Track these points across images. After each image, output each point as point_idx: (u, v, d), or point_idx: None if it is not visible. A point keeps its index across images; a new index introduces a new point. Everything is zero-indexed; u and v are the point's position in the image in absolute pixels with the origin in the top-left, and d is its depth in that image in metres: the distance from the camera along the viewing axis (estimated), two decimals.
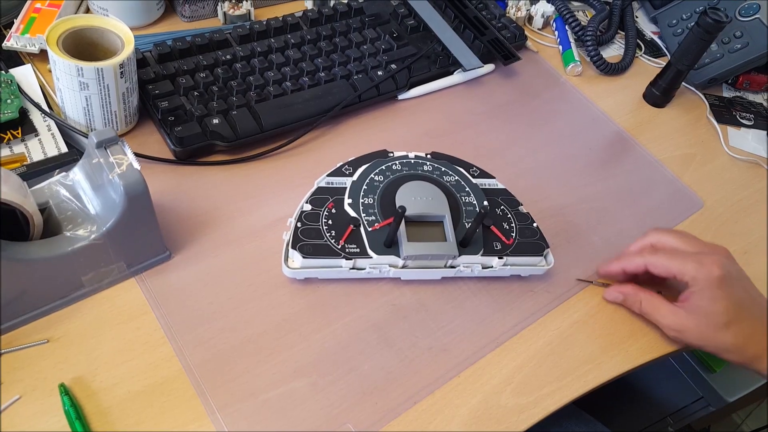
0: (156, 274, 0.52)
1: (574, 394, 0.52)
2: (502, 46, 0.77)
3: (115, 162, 0.45)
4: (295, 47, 0.69)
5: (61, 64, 0.53)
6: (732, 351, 0.53)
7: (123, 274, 0.50)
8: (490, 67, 0.78)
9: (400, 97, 0.71)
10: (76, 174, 0.48)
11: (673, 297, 0.55)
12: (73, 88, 0.54)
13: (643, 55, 0.88)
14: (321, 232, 0.52)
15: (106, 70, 0.53)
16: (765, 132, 0.81)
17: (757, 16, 0.80)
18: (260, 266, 0.54)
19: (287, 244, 0.52)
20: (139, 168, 0.45)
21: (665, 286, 0.58)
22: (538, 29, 0.87)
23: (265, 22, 0.70)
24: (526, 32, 0.83)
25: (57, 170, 0.49)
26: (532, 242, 0.56)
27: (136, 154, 0.56)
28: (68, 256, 0.45)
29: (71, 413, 0.43)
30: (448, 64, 0.74)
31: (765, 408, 1.19)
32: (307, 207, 0.53)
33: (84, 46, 0.55)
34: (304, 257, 0.50)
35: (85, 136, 0.56)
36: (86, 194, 0.48)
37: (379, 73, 0.69)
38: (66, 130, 0.57)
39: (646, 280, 0.57)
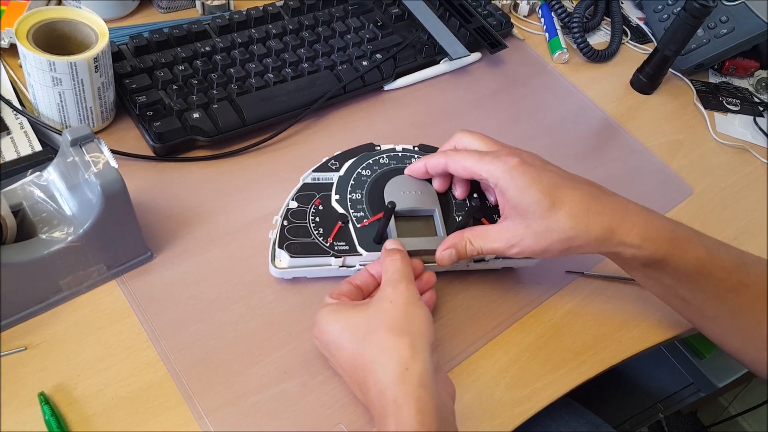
0: (138, 275, 0.50)
1: (568, 386, 0.52)
2: (488, 34, 0.75)
3: (90, 160, 0.43)
4: (277, 38, 0.67)
5: (32, 58, 0.50)
6: (579, 236, 0.45)
7: (103, 276, 0.48)
8: (476, 55, 0.76)
9: (386, 87, 0.70)
10: (51, 174, 0.46)
11: None
12: (45, 84, 0.52)
13: (630, 41, 0.88)
14: (308, 230, 0.50)
15: (79, 64, 0.51)
16: (751, 117, 0.81)
17: (742, 0, 0.79)
18: (246, 265, 0.52)
19: (274, 244, 0.50)
20: (116, 166, 0.44)
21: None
22: (523, 16, 0.86)
23: (245, 12, 0.68)
24: (512, 20, 0.82)
25: (31, 170, 0.47)
26: None
27: (114, 152, 0.54)
28: (44, 259, 0.44)
29: (52, 423, 0.41)
30: (434, 53, 0.73)
31: (751, 390, 1.21)
32: (293, 204, 0.52)
33: (56, 40, 0.53)
34: (291, 256, 0.49)
35: (60, 133, 0.54)
36: (62, 195, 0.46)
37: (364, 63, 0.67)
38: (40, 128, 0.55)
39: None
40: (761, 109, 0.83)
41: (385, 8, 0.75)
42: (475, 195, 0.56)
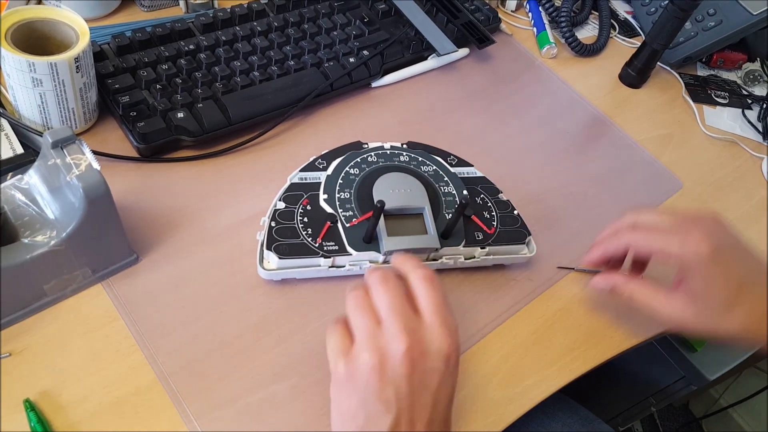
0: (123, 278, 0.49)
1: (561, 382, 0.52)
2: (476, 29, 0.75)
3: (72, 163, 0.42)
4: (262, 35, 0.66)
5: (10, 59, 0.49)
6: (742, 337, 0.45)
7: (88, 280, 0.47)
8: (464, 51, 0.76)
9: (373, 84, 0.69)
10: (32, 176, 0.45)
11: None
12: (25, 85, 0.51)
13: (618, 35, 0.87)
14: (297, 230, 0.50)
15: (60, 64, 0.50)
16: (740, 110, 0.81)
17: None
18: (234, 266, 0.52)
19: (262, 245, 0.50)
20: (98, 168, 0.43)
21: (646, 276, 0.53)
22: (511, 11, 0.86)
23: (229, 10, 0.67)
24: (499, 15, 0.81)
25: (11, 173, 0.46)
26: (514, 230, 0.55)
27: (97, 153, 0.53)
28: (27, 264, 0.43)
29: (38, 429, 0.41)
30: (422, 49, 0.72)
31: (742, 382, 1.22)
32: (281, 205, 0.51)
33: (35, 40, 0.52)
34: (280, 258, 0.48)
35: (41, 135, 0.52)
36: (44, 198, 0.45)
37: (351, 60, 0.67)
38: (21, 130, 0.54)
39: (629, 269, 0.52)
40: (749, 101, 0.83)
41: (372, 4, 0.74)
42: (465, 192, 0.55)
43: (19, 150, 0.53)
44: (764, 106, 0.81)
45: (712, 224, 0.47)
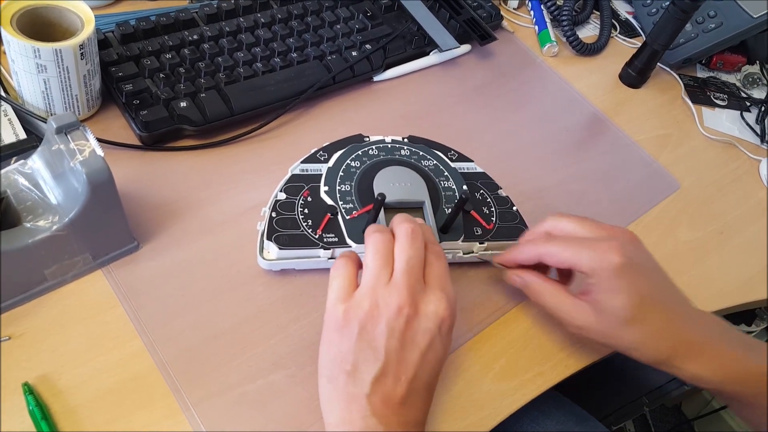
0: (124, 265, 0.49)
1: (556, 379, 0.52)
2: (478, 26, 0.75)
3: (76, 148, 0.42)
4: (266, 27, 0.66)
5: (16, 45, 0.50)
6: (639, 349, 0.47)
7: (88, 266, 0.48)
8: (466, 47, 0.76)
9: (375, 78, 0.69)
10: (36, 162, 0.45)
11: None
12: (30, 71, 0.51)
13: (619, 35, 0.88)
14: (297, 221, 0.50)
15: (65, 51, 0.50)
16: (738, 112, 0.82)
17: None
18: (234, 256, 0.52)
19: (262, 235, 0.50)
20: (102, 155, 0.43)
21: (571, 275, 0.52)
22: (513, 9, 0.86)
23: (233, 1, 0.67)
24: (501, 12, 0.82)
25: (15, 158, 0.46)
26: (513, 226, 0.56)
27: (100, 140, 0.53)
28: (29, 248, 0.43)
29: (36, 413, 0.41)
30: (424, 45, 0.73)
31: None
32: (282, 196, 0.51)
33: (41, 26, 0.52)
34: (280, 248, 0.48)
35: (45, 121, 0.53)
36: (47, 183, 0.45)
37: (354, 53, 0.67)
38: (24, 116, 0.54)
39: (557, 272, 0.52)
40: (748, 104, 0.84)
41: None
42: (464, 187, 0.56)
43: (22, 135, 0.53)
44: (762, 108, 0.82)
45: (625, 240, 0.47)
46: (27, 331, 0.45)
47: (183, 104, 0.57)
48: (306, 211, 0.51)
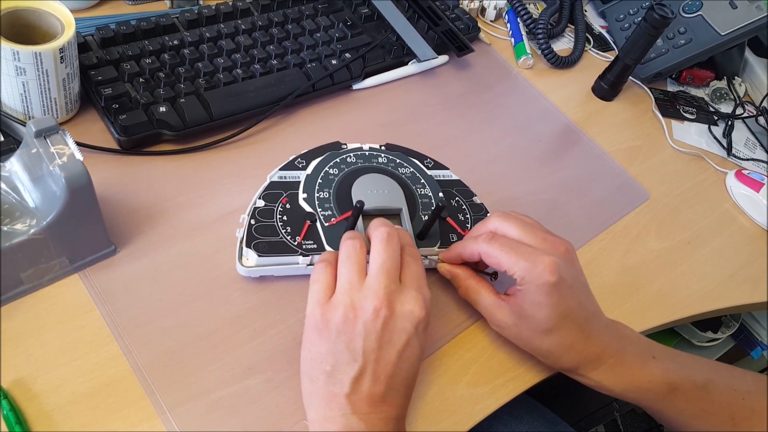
0: (101, 269, 0.49)
1: (528, 383, 0.53)
2: (455, 37, 0.76)
3: (55, 152, 0.42)
4: (246, 33, 0.67)
5: None
6: (549, 357, 0.50)
7: (65, 270, 0.48)
8: (444, 58, 0.77)
9: (354, 86, 0.70)
10: (14, 164, 0.45)
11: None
12: (8, 73, 0.51)
13: (592, 48, 0.90)
14: (276, 228, 0.50)
15: (44, 54, 0.50)
16: (706, 126, 0.84)
17: (699, 13, 0.83)
18: (211, 261, 0.52)
19: (241, 242, 0.50)
20: (81, 158, 0.43)
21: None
22: (490, 21, 0.88)
23: (214, 7, 0.67)
24: (479, 24, 0.83)
25: None
26: None
27: (78, 144, 0.53)
28: (5, 252, 0.43)
29: (11, 417, 0.41)
30: (403, 55, 0.74)
31: None
32: (260, 203, 0.52)
33: (21, 29, 0.52)
34: (259, 255, 0.49)
35: (23, 124, 0.53)
36: (25, 186, 0.45)
37: (333, 61, 0.68)
38: (2, 118, 0.54)
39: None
40: (716, 118, 0.86)
41: (355, 8, 0.76)
42: (440, 194, 0.57)
43: (0, 138, 0.52)
44: (729, 123, 0.84)
45: (563, 253, 0.48)
46: (2, 334, 0.45)
47: (162, 109, 0.57)
48: (285, 218, 0.51)
